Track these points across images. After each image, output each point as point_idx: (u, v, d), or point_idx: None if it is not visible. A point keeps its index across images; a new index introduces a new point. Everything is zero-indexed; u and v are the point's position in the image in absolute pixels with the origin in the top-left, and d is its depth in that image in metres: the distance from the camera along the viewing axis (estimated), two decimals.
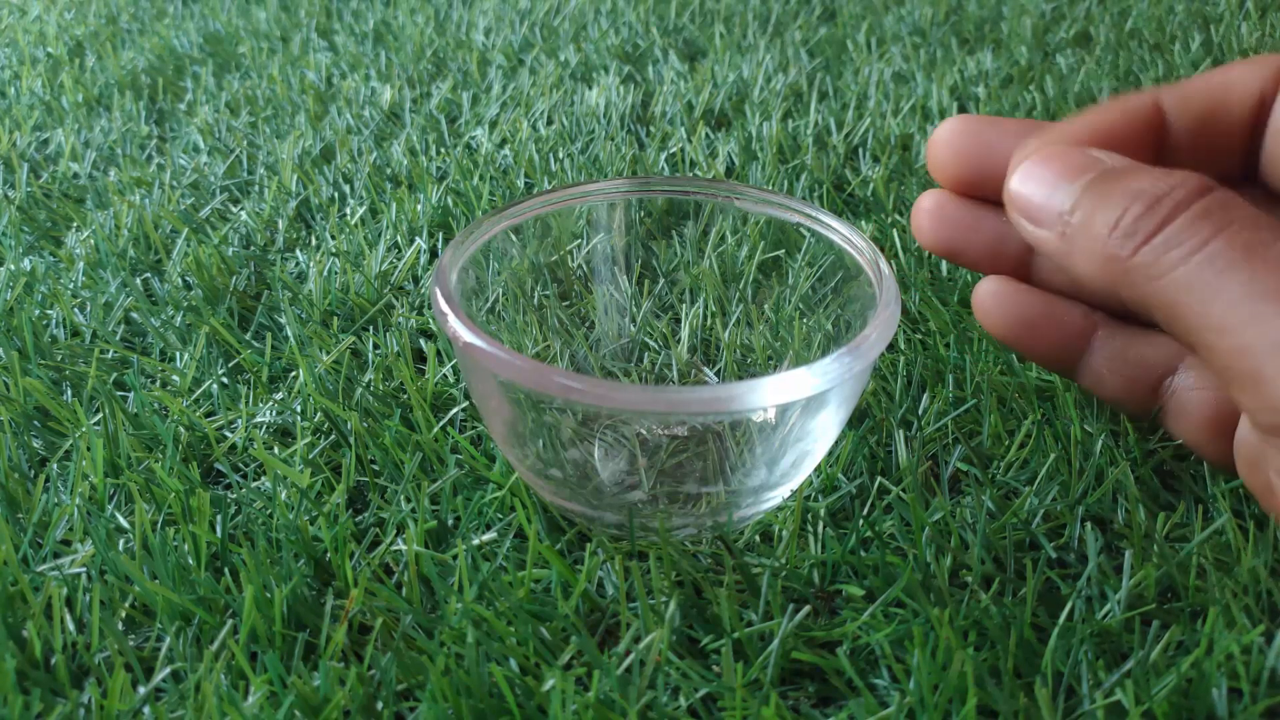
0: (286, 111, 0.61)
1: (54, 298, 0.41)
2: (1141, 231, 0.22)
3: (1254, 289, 0.20)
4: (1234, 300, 0.21)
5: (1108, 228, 0.22)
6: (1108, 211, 0.23)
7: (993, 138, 0.28)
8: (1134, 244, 0.22)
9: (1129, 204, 0.22)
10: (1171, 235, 0.22)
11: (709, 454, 0.32)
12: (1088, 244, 0.23)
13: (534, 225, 0.34)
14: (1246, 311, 0.20)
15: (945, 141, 0.29)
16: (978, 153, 0.28)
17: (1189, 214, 0.22)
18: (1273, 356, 0.20)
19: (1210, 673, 0.25)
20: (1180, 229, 0.21)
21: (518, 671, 0.26)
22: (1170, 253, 0.21)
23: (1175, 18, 0.75)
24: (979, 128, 0.28)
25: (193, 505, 0.30)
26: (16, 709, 0.25)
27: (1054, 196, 0.24)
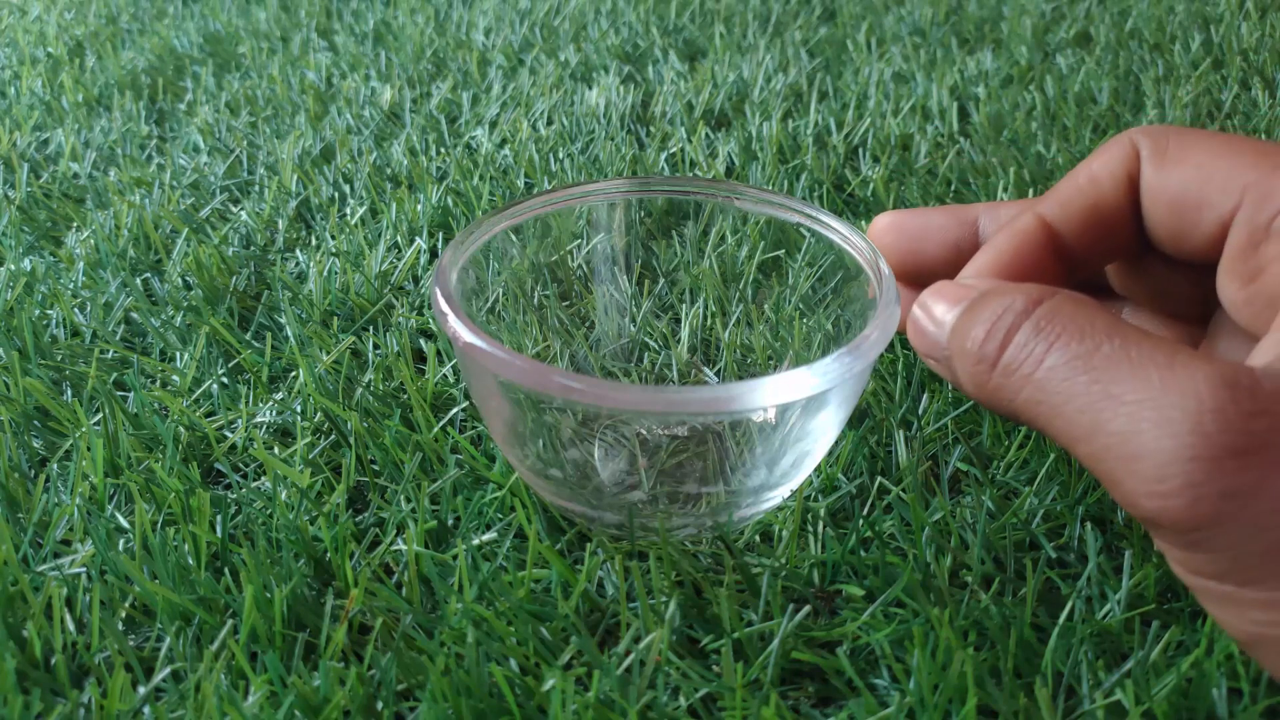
0: (286, 111, 0.61)
1: (54, 298, 0.41)
2: (988, 356, 0.23)
3: (1089, 399, 0.21)
4: (1076, 411, 0.22)
5: (970, 355, 0.24)
6: (967, 340, 0.24)
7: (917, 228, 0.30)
8: (986, 367, 0.24)
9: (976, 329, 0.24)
10: (1012, 355, 0.23)
11: (709, 454, 0.32)
12: (962, 371, 0.24)
13: (534, 225, 0.34)
14: (1087, 421, 0.21)
15: (878, 237, 0.31)
16: (907, 243, 0.31)
17: (1023, 332, 0.23)
18: (1116, 460, 0.21)
19: (1210, 673, 0.25)
20: (1018, 348, 0.23)
21: (518, 671, 0.26)
22: (1015, 373, 0.23)
23: (1175, 18, 0.75)
24: (904, 221, 0.31)
25: (193, 505, 0.30)
26: (16, 709, 0.25)
27: (935, 331, 0.26)
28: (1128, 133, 0.27)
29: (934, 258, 0.30)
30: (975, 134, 0.57)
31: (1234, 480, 0.20)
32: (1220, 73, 0.65)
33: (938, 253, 0.30)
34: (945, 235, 0.30)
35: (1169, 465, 0.20)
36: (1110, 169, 0.27)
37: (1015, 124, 0.57)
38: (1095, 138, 0.56)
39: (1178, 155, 0.26)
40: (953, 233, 0.30)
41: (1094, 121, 0.58)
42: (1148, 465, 0.20)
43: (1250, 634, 0.21)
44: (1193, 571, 0.22)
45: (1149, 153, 0.26)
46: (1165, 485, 0.20)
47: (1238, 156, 0.25)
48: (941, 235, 0.30)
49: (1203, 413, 0.20)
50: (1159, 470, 0.20)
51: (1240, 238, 0.24)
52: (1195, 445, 0.20)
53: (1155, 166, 0.26)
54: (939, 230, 0.30)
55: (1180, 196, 0.25)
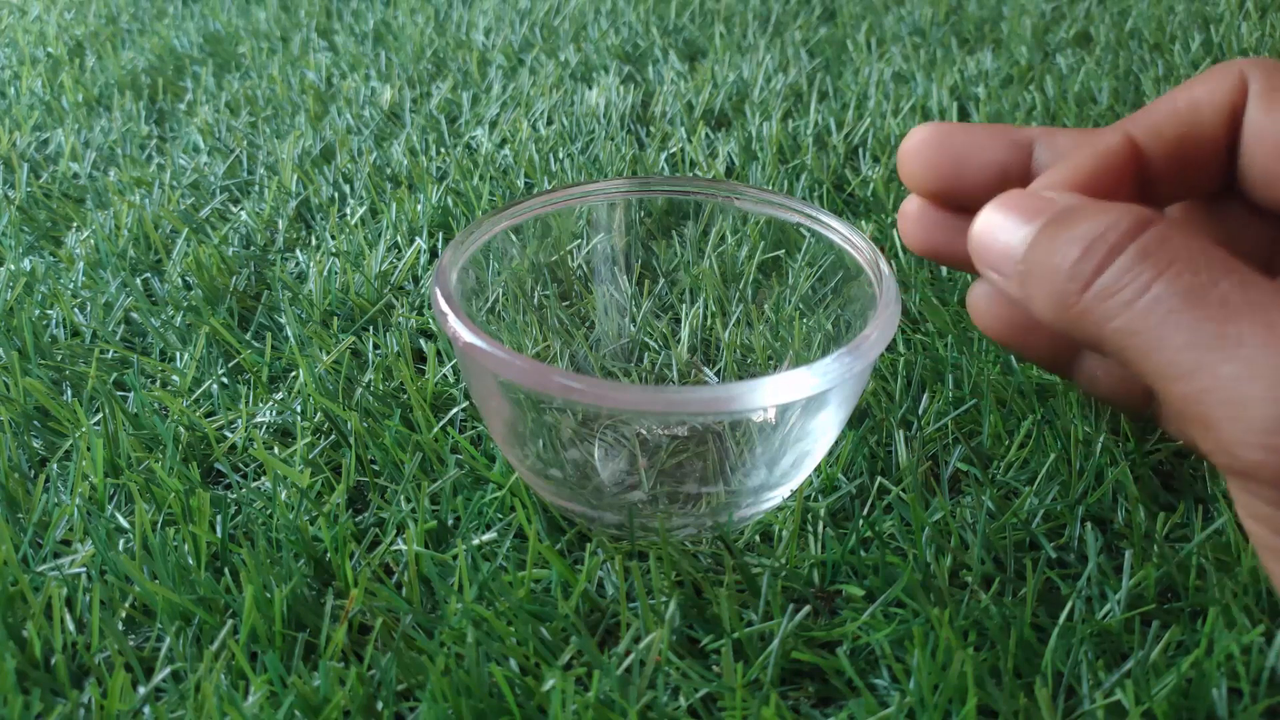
0: (286, 111, 0.61)
1: (54, 298, 0.41)
2: (1081, 276, 0.22)
3: (1197, 336, 0.20)
4: (1179, 348, 0.20)
5: (1055, 272, 0.22)
6: (1055, 256, 0.22)
7: (961, 145, 0.27)
8: (1077, 288, 0.22)
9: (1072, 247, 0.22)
10: (1111, 279, 0.21)
11: (709, 454, 0.32)
12: (1040, 289, 0.23)
13: (534, 225, 0.34)
14: (1191, 360, 0.20)
15: (914, 152, 0.28)
16: (947, 161, 0.28)
17: (1127, 255, 0.21)
18: (1220, 404, 0.20)
19: (1210, 673, 0.25)
20: (1120, 272, 0.21)
21: (518, 671, 0.26)
22: (1113, 298, 0.21)
23: (1175, 18, 0.75)
24: (947, 135, 0.28)
25: (193, 505, 0.30)
26: (16, 709, 0.25)
27: (1010, 243, 0.24)
28: (1237, 62, 0.25)
29: (977, 180, 0.27)
30: None
31: None
32: None
33: (981, 175, 0.27)
34: (993, 156, 0.27)
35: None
36: (1214, 99, 0.25)
37: (1015, 124, 0.57)
38: None
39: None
40: (1002, 155, 0.27)
41: (1094, 121, 0.58)
42: (1259, 413, 0.19)
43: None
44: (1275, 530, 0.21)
45: (1260, 88, 0.24)
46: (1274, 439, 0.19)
47: None
48: (990, 155, 0.27)
49: None
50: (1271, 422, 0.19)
51: None
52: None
53: (1265, 104, 0.24)
54: (987, 150, 0.27)
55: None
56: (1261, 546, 0.21)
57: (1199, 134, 0.25)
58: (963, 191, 0.27)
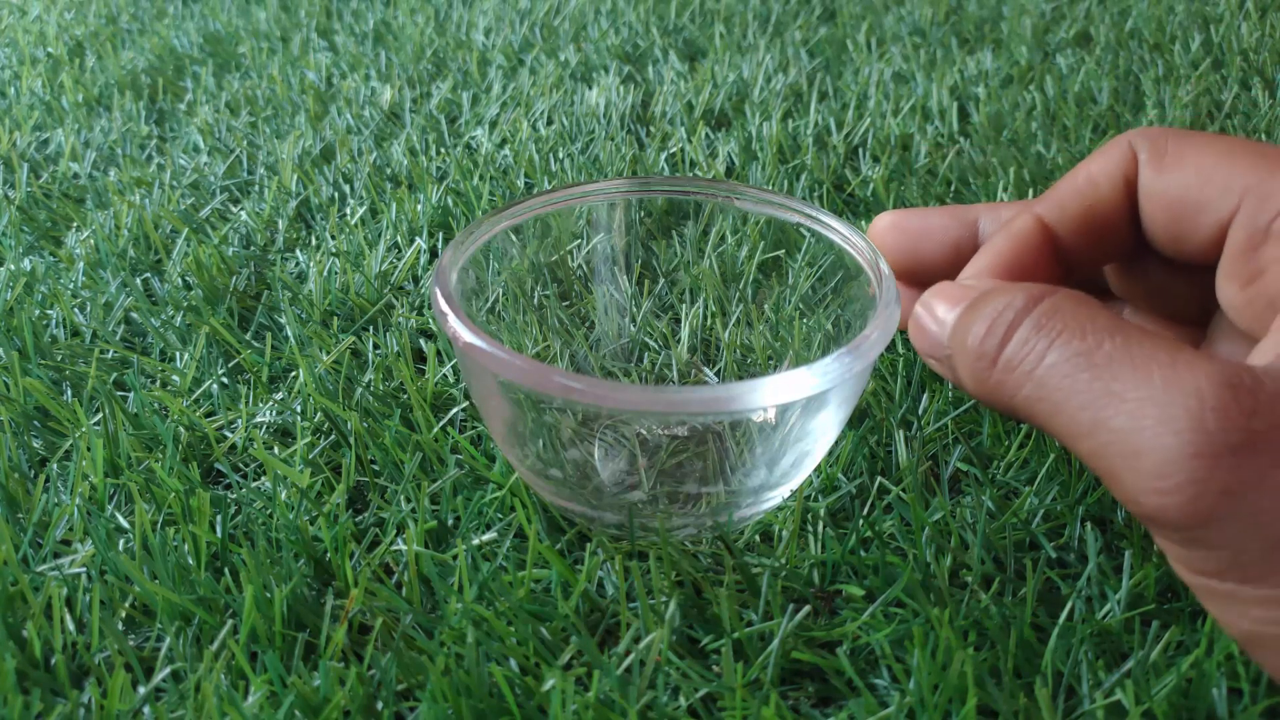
0: (286, 111, 0.61)
1: (54, 298, 0.41)
2: (988, 353, 0.24)
3: (1090, 396, 0.21)
4: (1077, 409, 0.22)
5: (970, 352, 0.24)
6: (968, 337, 0.24)
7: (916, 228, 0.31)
8: (987, 365, 0.24)
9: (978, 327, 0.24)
10: (1013, 352, 0.23)
11: (709, 454, 0.32)
12: (963, 369, 0.25)
13: (534, 225, 0.34)
14: (1088, 418, 0.21)
15: (879, 237, 0.31)
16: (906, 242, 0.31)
17: (1024, 329, 0.23)
18: (1117, 456, 0.21)
19: (1210, 673, 0.25)
20: (1019, 344, 0.23)
21: (518, 671, 0.26)
22: (1017, 369, 0.23)
23: (1175, 18, 0.75)
24: (904, 220, 0.31)
25: (193, 505, 0.30)
26: (16, 709, 0.25)
27: (938, 331, 0.26)
28: (1125, 135, 0.27)
29: (934, 258, 0.30)
30: (975, 134, 0.57)
31: (1235, 477, 0.20)
32: (1220, 73, 0.65)
33: (938, 252, 0.30)
34: (945, 235, 0.30)
35: (1171, 462, 0.20)
36: (1108, 171, 0.27)
37: (1015, 124, 0.57)
38: (1095, 138, 0.56)
39: (1176, 158, 0.26)
40: (953, 233, 0.30)
41: (1094, 121, 0.58)
42: (1149, 462, 0.20)
43: (1250, 633, 0.21)
44: (1193, 570, 0.22)
45: (1147, 155, 0.26)
46: (1166, 482, 0.20)
47: (1236, 159, 0.25)
48: (942, 235, 0.30)
49: (1204, 410, 0.20)
50: (1160, 467, 0.20)
51: (1239, 240, 0.24)
52: (1197, 442, 0.20)
53: (1153, 169, 0.26)
54: (939, 230, 0.30)
55: (1179, 199, 0.26)
56: (1198, 590, 0.22)
57: (1100, 205, 0.27)
58: (924, 268, 0.31)
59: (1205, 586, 0.22)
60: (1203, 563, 0.21)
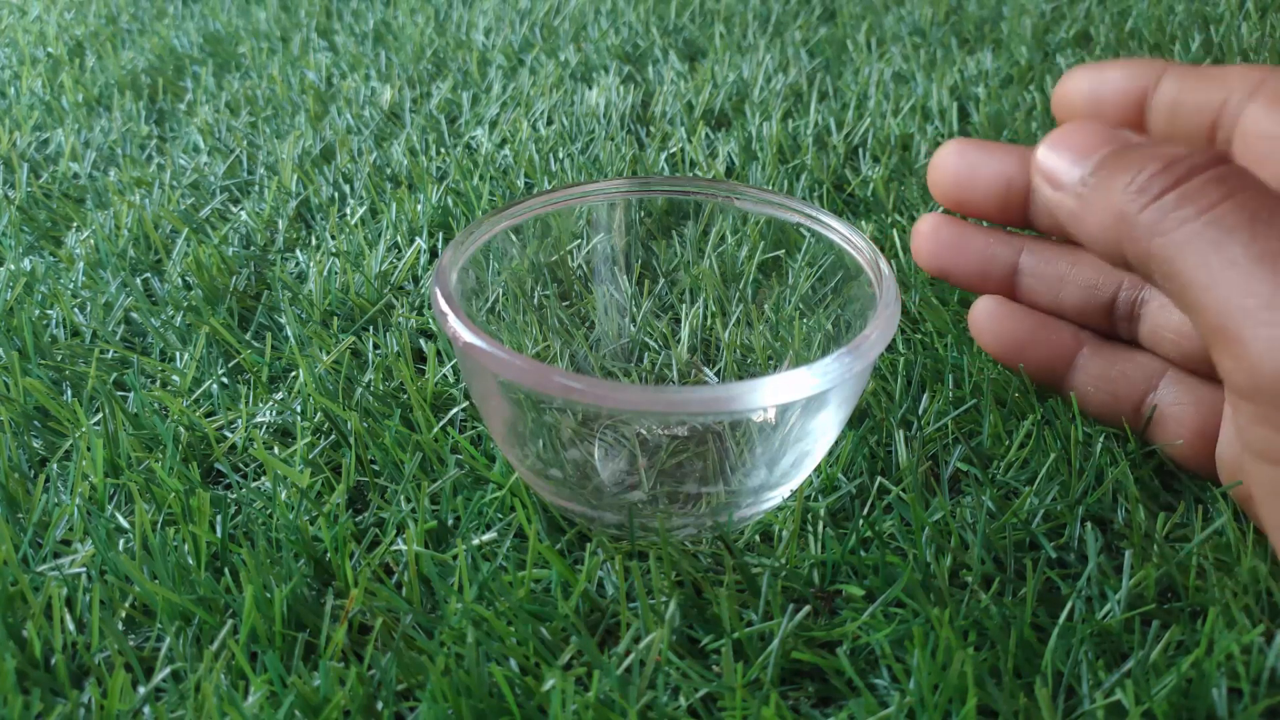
0: (286, 111, 0.61)
1: (54, 298, 0.41)
2: (1154, 188, 0.23)
3: (1251, 251, 0.21)
4: (1230, 260, 0.21)
5: (1123, 186, 0.24)
6: (1124, 173, 0.24)
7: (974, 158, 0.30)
8: (1145, 200, 0.23)
9: (1146, 165, 0.23)
10: (1182, 195, 0.23)
11: (709, 454, 0.32)
12: (1101, 204, 0.24)
13: (534, 225, 0.34)
14: (1239, 273, 0.21)
15: (943, 166, 0.31)
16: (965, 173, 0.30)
17: (1202, 177, 0.23)
18: (1255, 321, 0.21)
19: (1210, 673, 0.25)
20: (1192, 190, 0.22)
21: (518, 671, 0.26)
22: (1178, 210, 0.22)
23: (1175, 18, 0.75)
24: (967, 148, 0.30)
25: (193, 505, 0.30)
26: (16, 709, 0.25)
27: (1077, 162, 0.25)
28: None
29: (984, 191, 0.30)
30: (975, 134, 0.57)
31: None
32: None
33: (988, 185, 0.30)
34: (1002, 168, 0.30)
35: None
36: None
37: (1015, 124, 0.57)
38: None
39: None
40: (1011, 167, 0.30)
41: None
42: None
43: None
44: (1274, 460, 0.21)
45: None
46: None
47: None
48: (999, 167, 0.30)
49: None
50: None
51: None
52: None
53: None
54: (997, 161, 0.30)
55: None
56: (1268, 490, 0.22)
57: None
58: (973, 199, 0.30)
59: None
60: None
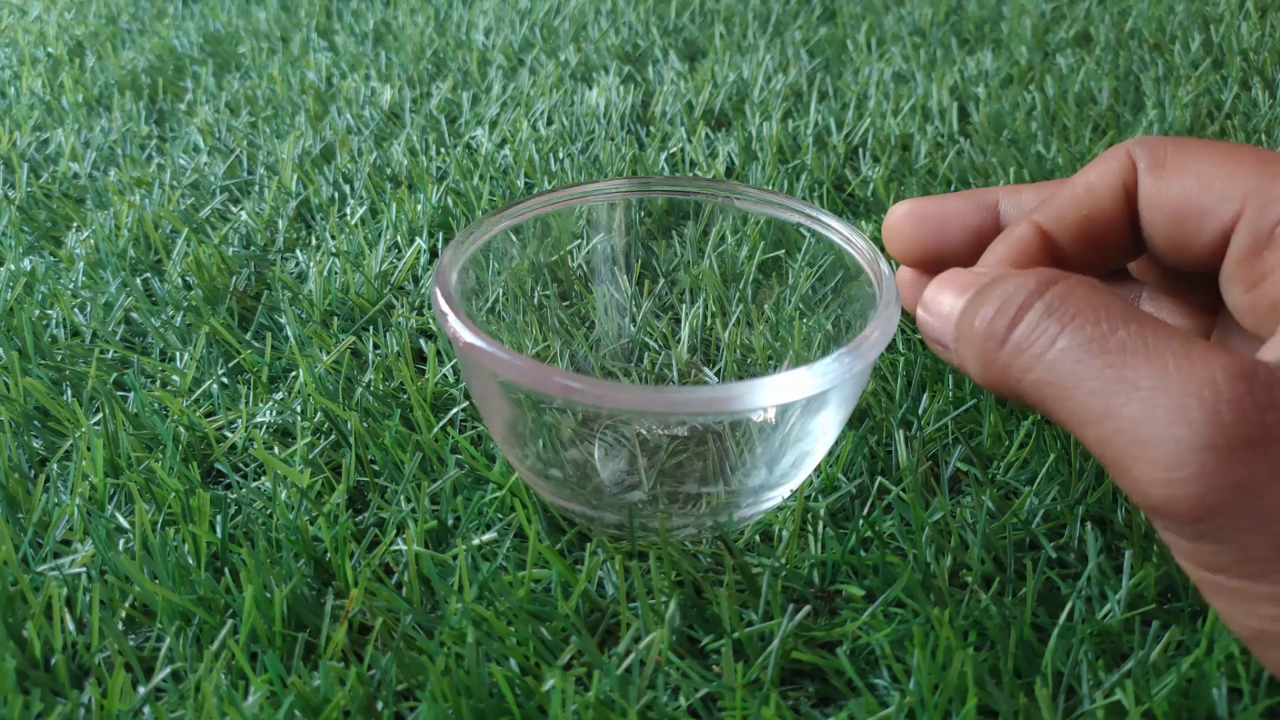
0: (286, 111, 0.61)
1: (54, 298, 0.41)
2: (997, 334, 0.23)
3: (1101, 382, 0.21)
4: (1087, 395, 0.21)
5: (978, 334, 0.24)
6: (976, 319, 0.24)
7: (935, 215, 0.30)
8: (995, 345, 0.24)
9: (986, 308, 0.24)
10: (1023, 335, 0.23)
11: (709, 454, 0.32)
12: (969, 351, 0.25)
13: (534, 225, 0.34)
14: (1098, 405, 0.21)
15: (896, 228, 0.30)
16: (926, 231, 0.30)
17: (1034, 312, 0.23)
18: (1127, 445, 0.21)
19: (1210, 673, 0.25)
20: (1030, 328, 0.23)
21: (518, 671, 0.26)
22: (1026, 352, 0.23)
23: (1175, 18, 0.75)
24: (922, 209, 0.30)
25: (193, 505, 0.30)
26: (16, 709, 0.25)
27: (946, 314, 0.26)
28: (1123, 144, 0.27)
29: (954, 245, 0.30)
30: (975, 134, 0.57)
31: (1248, 471, 0.20)
32: (1220, 73, 0.65)
33: (957, 239, 0.30)
34: (965, 221, 0.30)
35: (1183, 453, 0.20)
36: (1107, 180, 0.27)
37: (1015, 124, 0.57)
38: (1095, 138, 0.56)
39: (1176, 165, 0.26)
40: (973, 218, 0.30)
41: (1094, 121, 0.58)
42: (1160, 452, 0.20)
43: (1255, 630, 0.21)
44: (1199, 564, 0.22)
45: (1147, 164, 0.26)
46: (1178, 473, 0.20)
47: (1237, 165, 0.25)
48: (961, 221, 0.30)
49: (1219, 402, 0.20)
50: (1172, 457, 0.20)
51: (1243, 244, 0.24)
52: (1210, 434, 0.20)
53: (1153, 177, 0.26)
54: (958, 216, 0.30)
55: (1180, 206, 0.26)
56: (1198, 583, 0.22)
57: (1099, 214, 0.27)
58: (943, 257, 0.30)
59: (1211, 582, 0.22)
60: (1211, 557, 0.21)
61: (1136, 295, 0.31)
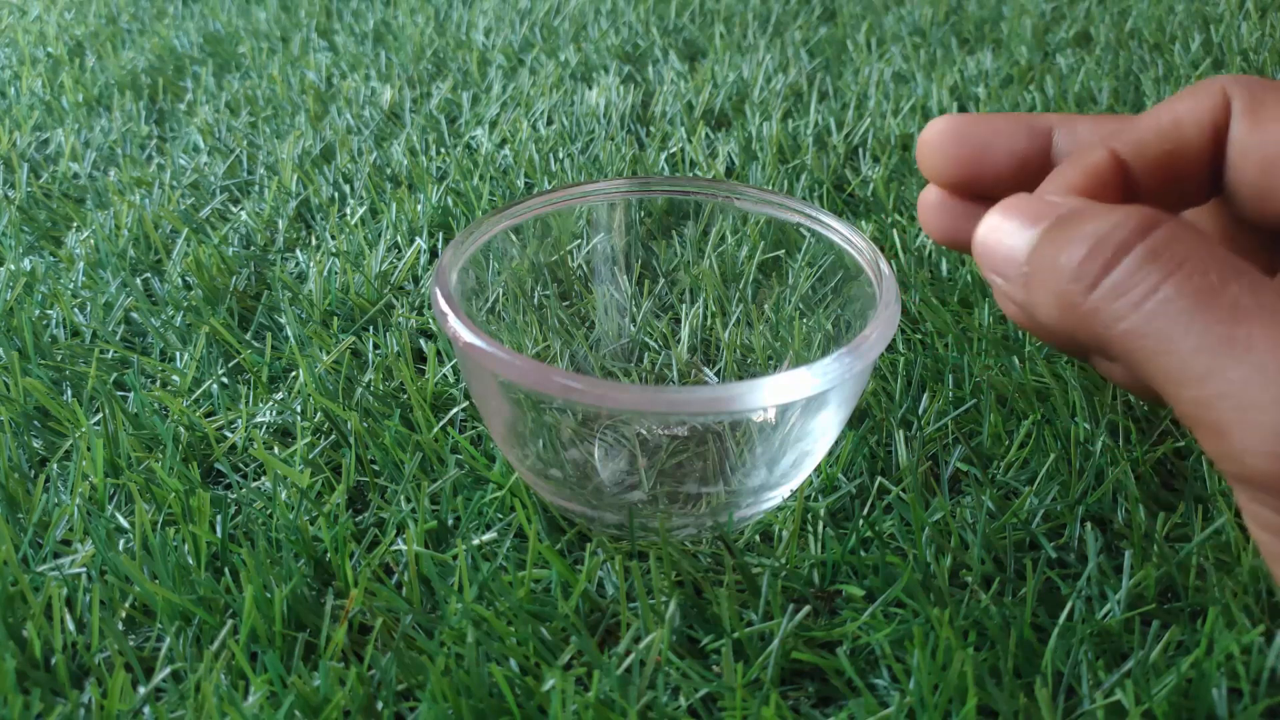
0: (286, 111, 0.61)
1: (54, 298, 0.41)
2: (1088, 275, 0.21)
3: (1208, 340, 0.20)
4: (1189, 352, 0.20)
5: (1060, 273, 0.22)
6: (1060, 256, 0.22)
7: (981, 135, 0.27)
8: (1083, 288, 0.21)
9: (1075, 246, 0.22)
10: (1120, 280, 0.21)
11: (709, 454, 0.32)
12: (1045, 291, 0.22)
13: (534, 225, 0.34)
14: (1201, 364, 0.20)
15: (934, 144, 0.28)
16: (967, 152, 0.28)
17: (1135, 255, 0.21)
18: (1232, 410, 0.20)
19: (1210, 673, 0.25)
20: (1128, 272, 0.21)
21: (518, 671, 0.26)
22: (1121, 299, 0.21)
23: (1175, 18, 0.75)
24: (966, 126, 0.28)
25: (193, 505, 0.30)
26: (16, 709, 0.25)
27: (1015, 246, 0.23)
28: (1218, 80, 0.25)
29: (997, 170, 0.27)
30: None
31: None
32: (1220, 73, 0.65)
33: (1003, 164, 0.27)
34: (1014, 145, 0.27)
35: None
36: (1196, 116, 0.25)
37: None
38: None
39: (1276, 110, 0.24)
40: (1022, 143, 0.27)
41: None
42: (1269, 419, 0.19)
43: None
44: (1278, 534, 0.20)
45: (1243, 106, 0.24)
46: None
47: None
48: (1010, 144, 0.27)
49: None
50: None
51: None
52: None
53: (1250, 121, 0.24)
54: (1006, 139, 0.27)
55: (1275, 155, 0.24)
56: (1271, 556, 0.21)
57: (1182, 150, 0.25)
58: (983, 181, 0.27)
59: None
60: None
61: None
